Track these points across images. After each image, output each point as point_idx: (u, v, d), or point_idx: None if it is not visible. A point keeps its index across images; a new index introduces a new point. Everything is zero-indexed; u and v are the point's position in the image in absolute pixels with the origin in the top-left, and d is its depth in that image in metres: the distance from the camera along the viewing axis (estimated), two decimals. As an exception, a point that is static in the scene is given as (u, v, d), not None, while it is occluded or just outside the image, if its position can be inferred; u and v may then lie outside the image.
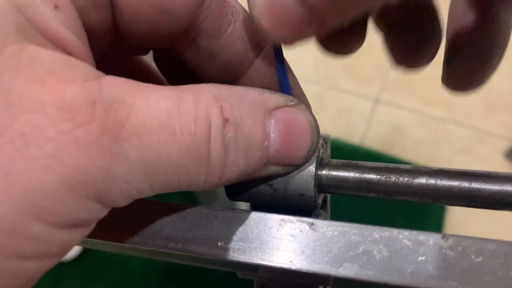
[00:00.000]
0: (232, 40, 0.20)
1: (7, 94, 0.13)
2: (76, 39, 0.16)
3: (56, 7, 0.16)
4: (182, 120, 0.15)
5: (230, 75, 0.21)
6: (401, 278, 0.16)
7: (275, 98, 0.19)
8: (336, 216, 0.85)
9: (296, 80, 0.22)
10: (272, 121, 0.18)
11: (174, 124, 0.15)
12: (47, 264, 0.15)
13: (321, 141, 0.21)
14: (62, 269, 0.81)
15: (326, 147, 0.22)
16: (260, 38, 0.20)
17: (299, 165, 0.20)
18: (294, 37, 0.17)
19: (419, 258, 0.16)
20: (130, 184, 0.15)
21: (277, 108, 0.19)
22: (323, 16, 0.16)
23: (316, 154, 0.20)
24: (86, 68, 0.15)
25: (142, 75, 0.25)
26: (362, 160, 0.20)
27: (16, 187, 0.13)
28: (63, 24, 0.16)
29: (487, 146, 0.97)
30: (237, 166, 0.17)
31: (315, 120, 0.20)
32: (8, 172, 0.13)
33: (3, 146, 0.13)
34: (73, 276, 0.81)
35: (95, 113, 0.14)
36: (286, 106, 0.19)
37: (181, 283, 0.80)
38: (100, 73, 0.15)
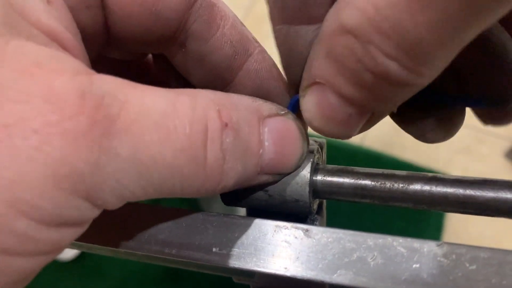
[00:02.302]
0: (221, 44, 0.20)
1: None
2: (68, 33, 0.15)
3: (48, 1, 0.15)
4: (177, 120, 0.15)
5: (219, 80, 0.21)
6: (395, 285, 0.16)
7: (267, 106, 0.19)
8: (336, 218, 0.85)
9: None
10: (266, 129, 0.18)
11: (168, 124, 0.15)
12: (37, 263, 0.14)
13: (316, 147, 0.21)
14: (62, 269, 0.81)
15: (322, 152, 0.22)
16: (249, 43, 0.20)
17: (288, 174, 0.20)
18: (347, 132, 0.17)
19: (414, 266, 0.16)
20: (121, 183, 0.14)
21: (270, 116, 0.19)
22: (371, 109, 0.16)
23: (311, 160, 0.20)
24: (75, 63, 0.14)
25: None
26: (362, 160, 0.20)
27: (0, 179, 0.12)
28: (56, 18, 0.15)
29: (487, 146, 0.97)
30: (235, 172, 0.17)
31: (305, 129, 0.20)
32: None
33: None
34: (73, 276, 0.81)
35: (85, 106, 0.13)
36: (278, 114, 0.19)
37: (181, 283, 0.80)
38: (91, 71, 0.15)
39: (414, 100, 0.16)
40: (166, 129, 0.15)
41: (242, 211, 0.23)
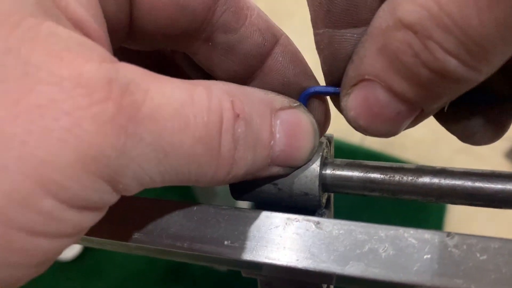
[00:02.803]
0: (250, 33, 0.20)
1: (25, 65, 0.13)
2: (94, 22, 0.16)
3: None
4: (195, 109, 0.15)
5: (247, 68, 0.21)
6: (406, 276, 0.16)
7: (280, 99, 0.19)
8: (335, 217, 0.84)
9: None
10: (278, 122, 0.19)
11: (187, 113, 0.15)
12: (59, 245, 0.14)
13: (325, 141, 0.21)
14: (62, 269, 0.81)
15: (330, 147, 0.22)
16: (275, 30, 0.21)
17: (299, 167, 0.20)
18: (394, 130, 0.17)
19: (425, 257, 0.16)
20: (142, 168, 0.15)
21: (282, 109, 0.19)
22: (421, 106, 0.16)
23: (321, 153, 0.20)
24: (102, 51, 0.15)
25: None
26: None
27: (31, 157, 0.12)
28: (84, 6, 0.16)
29: (487, 146, 0.97)
30: (245, 162, 0.18)
31: (316, 123, 0.20)
32: (23, 141, 0.12)
33: (18, 115, 0.12)
34: (73, 276, 0.81)
35: (112, 92, 0.14)
36: (290, 107, 0.19)
37: (181, 283, 0.80)
38: (115, 59, 0.15)
39: (461, 99, 0.16)
40: (186, 117, 0.15)
41: (245, 207, 0.23)
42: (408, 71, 0.15)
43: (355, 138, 0.98)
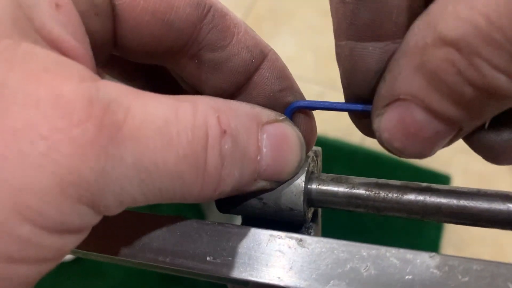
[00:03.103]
0: (238, 50, 0.20)
1: (0, 87, 0.12)
2: (73, 40, 0.15)
3: (57, 6, 0.15)
4: (179, 126, 0.15)
5: (234, 85, 0.21)
6: (387, 296, 0.16)
7: (266, 113, 0.19)
8: (336, 214, 0.84)
9: None
10: (264, 136, 0.18)
11: (171, 130, 0.15)
12: (40, 269, 0.14)
13: (312, 155, 0.21)
14: (62, 269, 0.81)
15: (317, 161, 0.22)
16: (263, 46, 0.20)
17: (286, 181, 0.20)
18: (431, 150, 0.16)
19: (406, 277, 0.16)
20: (123, 189, 0.14)
21: (268, 122, 0.19)
22: (461, 124, 0.15)
23: (306, 168, 0.20)
24: (81, 69, 0.14)
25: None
26: (362, 160, 0.20)
27: (5, 184, 0.12)
28: (62, 24, 0.15)
29: (488, 147, 0.96)
30: (232, 178, 0.17)
31: (302, 136, 0.20)
32: None
33: None
34: (73, 276, 0.81)
35: (92, 112, 0.13)
36: (276, 120, 0.19)
37: (181, 283, 0.80)
38: (96, 76, 0.15)
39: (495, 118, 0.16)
40: (169, 135, 0.15)
41: (240, 217, 0.23)
42: (450, 90, 0.14)
43: (355, 138, 0.97)
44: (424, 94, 0.15)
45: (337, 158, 0.94)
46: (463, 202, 0.17)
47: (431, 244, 0.83)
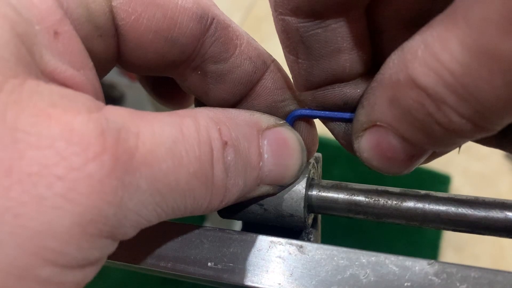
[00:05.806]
0: (241, 62, 0.20)
1: (13, 131, 0.12)
2: (70, 69, 0.15)
3: (56, 34, 0.15)
4: (187, 144, 0.15)
5: (236, 95, 0.21)
6: (387, 303, 0.16)
7: (265, 118, 0.20)
8: (336, 218, 0.84)
9: None
10: (265, 142, 0.19)
11: (180, 149, 0.15)
12: None
13: (312, 161, 0.21)
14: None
15: (317, 167, 0.22)
16: (265, 57, 0.21)
17: (288, 185, 0.20)
18: (407, 169, 0.17)
19: (405, 284, 0.16)
20: (140, 215, 0.14)
21: (268, 128, 0.19)
22: (434, 150, 0.16)
23: (307, 175, 0.20)
24: (86, 100, 0.14)
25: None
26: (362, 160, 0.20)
27: (25, 230, 0.12)
28: (60, 53, 0.15)
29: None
30: (237, 188, 0.18)
31: (304, 140, 0.20)
32: (16, 214, 0.12)
33: (11, 187, 0.12)
34: (73, 276, 0.82)
35: (106, 143, 0.13)
36: (276, 125, 0.19)
37: (181, 283, 0.81)
38: (99, 103, 0.15)
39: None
40: (179, 154, 0.15)
41: (240, 222, 0.23)
42: (421, 125, 0.15)
43: (355, 138, 0.97)
44: (398, 124, 0.16)
45: (338, 159, 0.94)
46: (462, 210, 0.17)
47: (431, 244, 0.83)
